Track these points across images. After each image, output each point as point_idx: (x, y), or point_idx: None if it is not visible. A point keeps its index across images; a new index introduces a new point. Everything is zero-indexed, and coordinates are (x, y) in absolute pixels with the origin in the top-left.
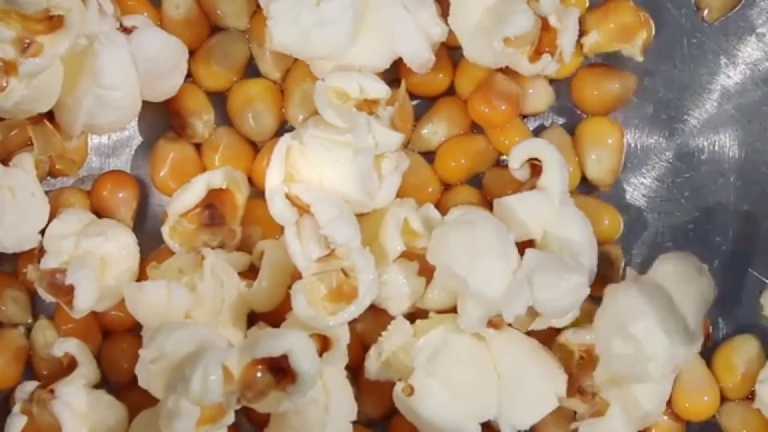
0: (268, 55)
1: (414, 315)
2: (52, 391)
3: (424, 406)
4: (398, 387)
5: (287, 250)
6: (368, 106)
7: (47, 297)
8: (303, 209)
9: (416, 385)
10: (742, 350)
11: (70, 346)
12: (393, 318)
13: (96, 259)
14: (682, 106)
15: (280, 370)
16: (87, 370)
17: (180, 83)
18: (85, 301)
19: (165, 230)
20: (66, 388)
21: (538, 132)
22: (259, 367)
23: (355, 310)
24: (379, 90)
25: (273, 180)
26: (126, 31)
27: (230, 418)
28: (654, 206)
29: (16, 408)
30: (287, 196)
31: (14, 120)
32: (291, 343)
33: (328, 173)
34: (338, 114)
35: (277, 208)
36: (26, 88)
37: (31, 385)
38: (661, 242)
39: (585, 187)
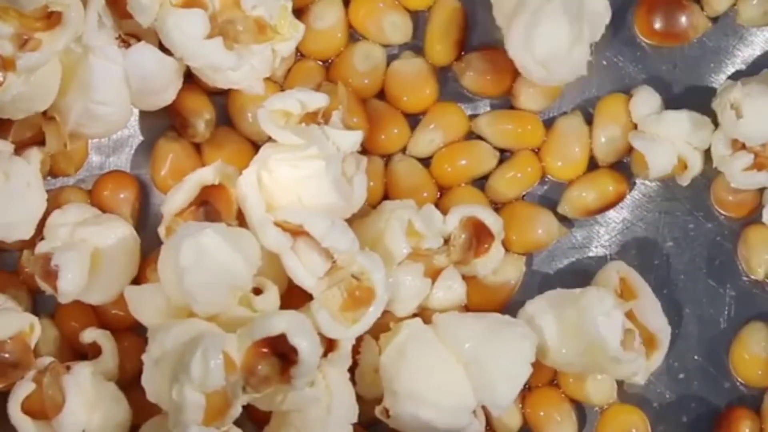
0: None
1: (421, 315)
2: (68, 367)
3: (406, 421)
4: (377, 411)
5: (292, 276)
6: (311, 117)
7: (46, 287)
8: (295, 231)
9: (388, 405)
10: (756, 338)
11: (99, 336)
12: (396, 319)
13: (88, 247)
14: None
15: (282, 356)
16: (109, 362)
17: (173, 98)
18: (69, 283)
19: (161, 231)
20: (83, 369)
21: (556, 118)
22: (261, 350)
23: (375, 310)
24: (319, 100)
25: (256, 213)
26: (124, 43)
27: (237, 410)
28: (654, 206)
29: (29, 375)
30: (275, 224)
31: (29, 121)
32: (287, 321)
33: (305, 190)
34: (293, 133)
35: (271, 238)
36: (24, 84)
37: (48, 359)
38: (661, 242)
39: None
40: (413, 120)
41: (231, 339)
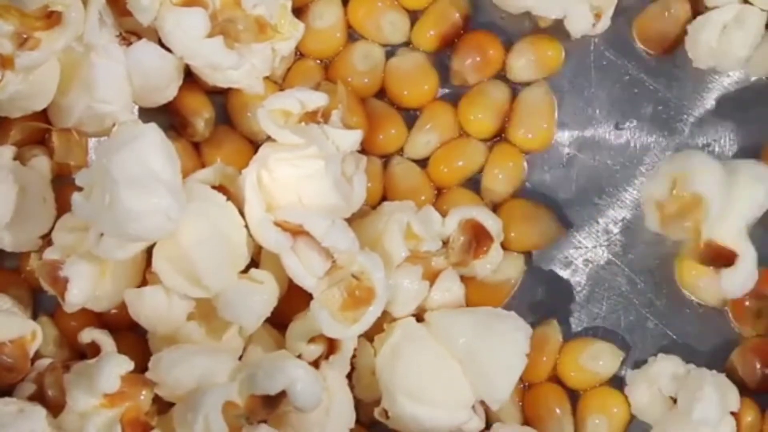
0: None
1: (418, 318)
2: (68, 367)
3: (406, 421)
4: (376, 413)
5: (292, 276)
6: (310, 117)
7: (49, 288)
8: (295, 231)
9: (387, 406)
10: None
11: (98, 336)
12: (395, 320)
13: (97, 257)
14: (681, 106)
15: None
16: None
17: (174, 94)
18: (76, 296)
19: None
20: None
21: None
22: (262, 397)
23: (375, 310)
24: (318, 99)
25: (255, 213)
26: (125, 40)
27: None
28: None
29: (30, 376)
30: (275, 224)
31: (32, 123)
32: (289, 379)
33: (305, 190)
34: (292, 132)
35: (270, 237)
36: (22, 82)
37: (48, 360)
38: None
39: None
40: (412, 120)
41: (232, 388)
